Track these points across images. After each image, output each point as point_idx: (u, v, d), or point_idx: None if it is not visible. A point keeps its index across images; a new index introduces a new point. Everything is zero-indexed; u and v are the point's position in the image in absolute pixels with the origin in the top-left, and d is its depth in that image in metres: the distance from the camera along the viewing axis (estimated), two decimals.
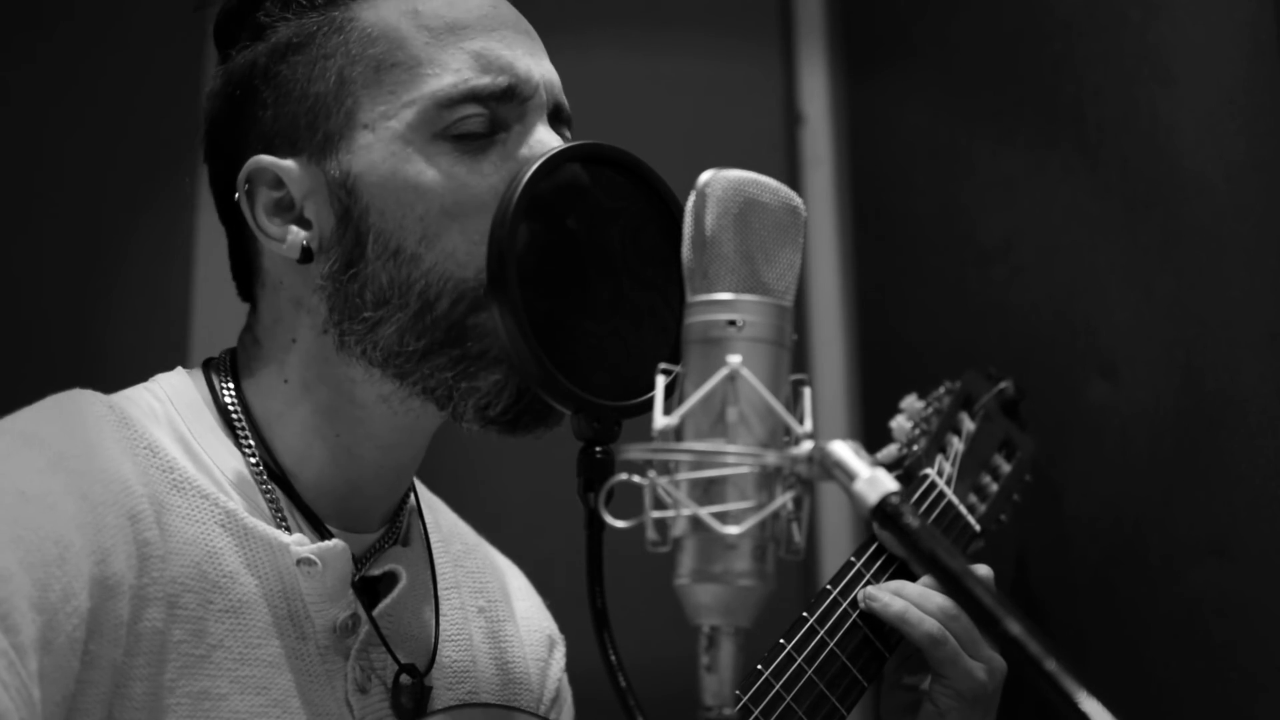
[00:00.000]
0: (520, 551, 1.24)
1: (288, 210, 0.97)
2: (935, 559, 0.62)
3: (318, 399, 0.98)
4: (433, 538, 1.09)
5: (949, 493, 1.22)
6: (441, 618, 1.06)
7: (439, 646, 1.04)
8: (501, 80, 0.95)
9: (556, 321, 0.89)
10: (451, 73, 0.94)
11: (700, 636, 0.66)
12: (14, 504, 0.82)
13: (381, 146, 0.94)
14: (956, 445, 1.27)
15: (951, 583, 0.62)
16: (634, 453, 0.66)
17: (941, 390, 1.32)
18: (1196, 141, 1.29)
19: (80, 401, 0.95)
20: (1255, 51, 1.22)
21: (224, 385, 1.00)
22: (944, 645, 1.04)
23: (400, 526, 1.06)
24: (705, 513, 0.64)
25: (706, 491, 0.65)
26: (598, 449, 0.89)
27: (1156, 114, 1.34)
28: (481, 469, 1.63)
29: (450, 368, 0.93)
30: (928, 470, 1.22)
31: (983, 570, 1.06)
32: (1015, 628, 0.59)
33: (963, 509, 1.22)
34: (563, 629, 1.22)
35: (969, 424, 1.30)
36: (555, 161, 0.91)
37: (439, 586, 1.07)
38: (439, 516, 1.15)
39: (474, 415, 0.94)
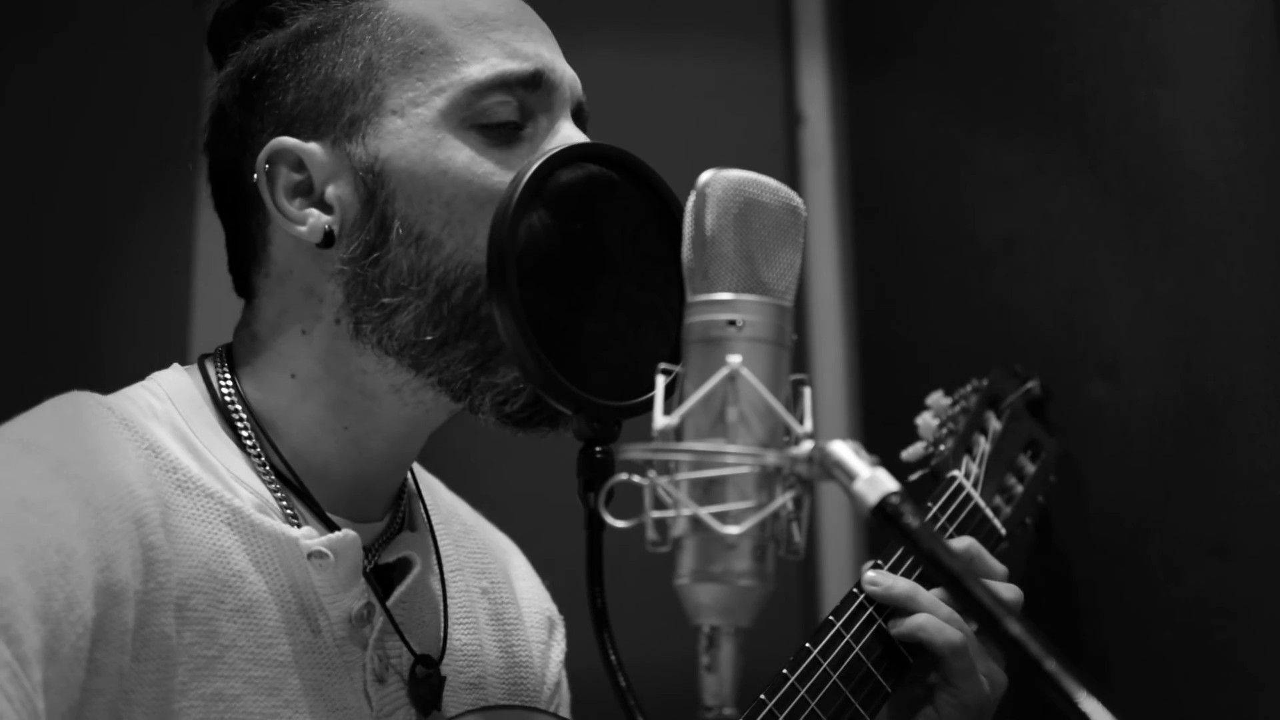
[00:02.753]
0: (520, 551, 1.24)
1: (307, 194, 0.97)
2: (935, 559, 0.62)
3: (327, 392, 0.98)
4: (433, 519, 1.09)
5: (975, 495, 1.20)
6: (450, 601, 1.06)
7: (450, 631, 1.04)
8: (528, 66, 0.96)
9: (556, 321, 0.89)
10: (481, 60, 0.96)
11: (700, 636, 0.66)
12: (14, 512, 0.81)
13: (411, 132, 0.94)
14: (983, 445, 1.26)
15: (951, 583, 0.62)
16: (634, 453, 0.66)
17: (969, 388, 1.31)
18: (1196, 141, 1.29)
19: (79, 405, 0.94)
20: (1255, 51, 1.22)
21: (222, 382, 0.99)
22: (964, 656, 1.03)
23: (403, 512, 1.06)
24: (705, 513, 0.64)
25: (706, 491, 0.65)
26: (598, 449, 0.89)
27: (1156, 114, 1.34)
28: (482, 468, 1.62)
29: (468, 361, 0.94)
30: (954, 472, 1.21)
31: (1011, 592, 1.06)
32: (1015, 628, 0.59)
33: (989, 512, 1.21)
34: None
35: (995, 423, 1.28)
36: (555, 161, 0.91)
37: (445, 569, 1.07)
38: (437, 497, 1.15)
39: (491, 409, 0.95)
